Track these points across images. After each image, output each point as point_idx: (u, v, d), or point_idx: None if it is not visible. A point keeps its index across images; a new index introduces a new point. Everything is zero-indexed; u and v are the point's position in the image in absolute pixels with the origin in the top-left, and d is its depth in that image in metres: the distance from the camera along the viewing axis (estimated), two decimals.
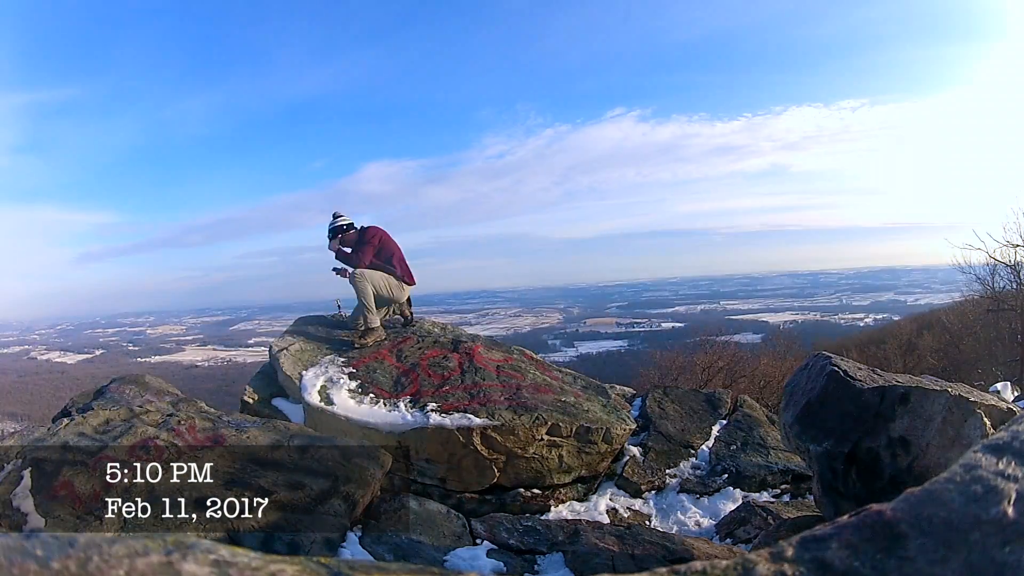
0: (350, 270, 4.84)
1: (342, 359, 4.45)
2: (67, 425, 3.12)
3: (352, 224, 5.04)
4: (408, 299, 5.13)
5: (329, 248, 5.03)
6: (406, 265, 5.04)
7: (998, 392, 4.64)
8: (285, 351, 4.56)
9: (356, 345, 4.62)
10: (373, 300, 4.74)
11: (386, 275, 4.87)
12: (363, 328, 4.77)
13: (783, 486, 4.06)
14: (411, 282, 5.05)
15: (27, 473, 2.73)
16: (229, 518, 2.56)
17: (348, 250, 4.95)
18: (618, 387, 5.52)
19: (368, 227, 5.06)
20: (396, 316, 5.20)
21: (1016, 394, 5.39)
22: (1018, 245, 14.01)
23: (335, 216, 5.08)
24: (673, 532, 3.44)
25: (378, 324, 4.76)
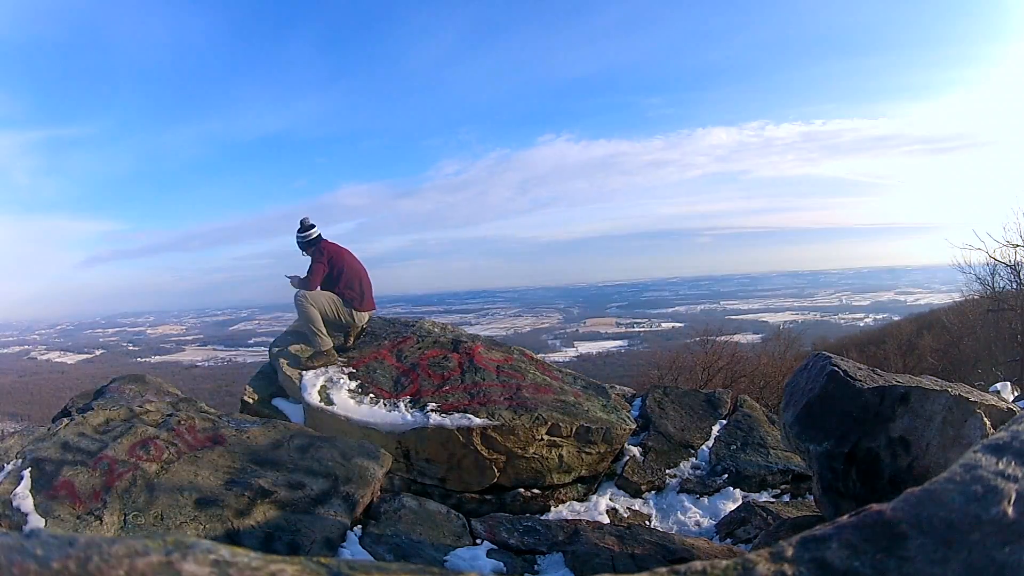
0: (297, 290, 4.54)
1: (342, 359, 4.45)
2: (67, 425, 3.12)
3: (319, 237, 4.70)
4: (360, 328, 4.75)
5: (289, 279, 4.69)
6: (365, 287, 4.69)
7: (998, 392, 4.64)
8: (285, 351, 4.56)
9: (303, 368, 4.26)
10: (321, 323, 4.41)
11: (334, 297, 4.53)
12: (311, 352, 4.41)
13: (783, 486, 4.06)
14: (364, 307, 4.68)
15: (27, 473, 2.73)
16: (229, 518, 2.55)
17: (302, 276, 4.65)
18: (618, 387, 5.52)
19: (323, 244, 4.67)
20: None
21: (1016, 394, 5.38)
22: (1018, 245, 14.02)
23: (303, 226, 4.70)
24: (673, 532, 3.44)
25: (329, 347, 4.40)
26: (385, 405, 3.89)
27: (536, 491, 3.80)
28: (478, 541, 2.81)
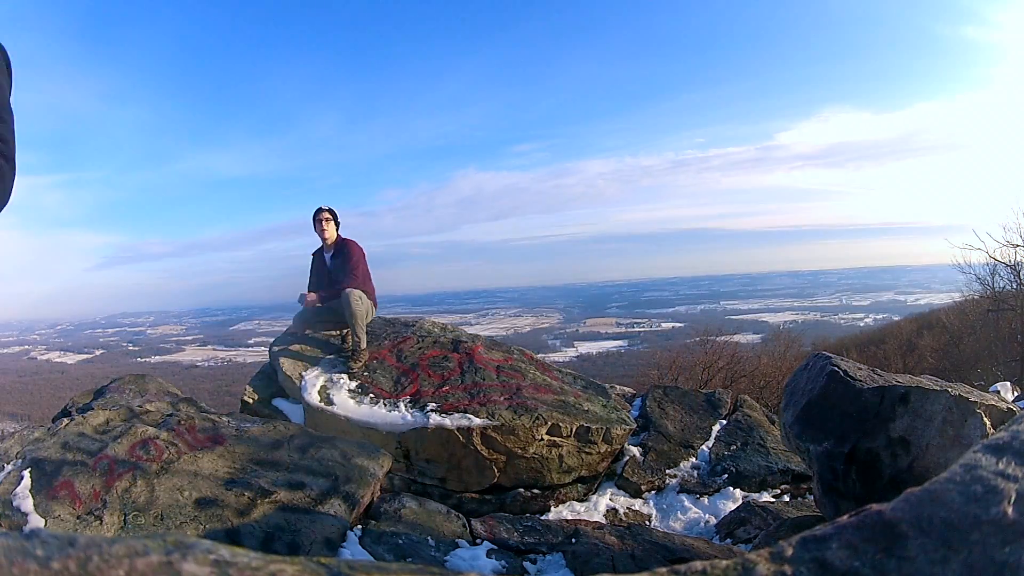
0: (342, 290, 4.45)
1: (342, 359, 4.44)
2: (67, 425, 3.12)
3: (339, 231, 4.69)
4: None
5: (306, 298, 4.63)
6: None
7: (998, 392, 4.64)
8: (285, 351, 4.56)
9: (352, 369, 4.31)
10: (365, 321, 4.46)
11: (367, 297, 4.59)
12: (354, 350, 4.45)
13: (783, 486, 4.06)
14: (375, 307, 4.78)
15: (27, 473, 2.73)
16: (229, 518, 2.55)
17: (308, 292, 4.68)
18: (618, 387, 5.52)
19: (352, 241, 4.67)
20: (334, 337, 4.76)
21: (1016, 394, 5.38)
22: (1018, 245, 14.04)
23: (329, 211, 4.64)
24: (673, 532, 3.44)
25: (366, 345, 4.48)
26: (385, 405, 3.89)
27: (536, 491, 3.80)
28: (478, 541, 2.81)
